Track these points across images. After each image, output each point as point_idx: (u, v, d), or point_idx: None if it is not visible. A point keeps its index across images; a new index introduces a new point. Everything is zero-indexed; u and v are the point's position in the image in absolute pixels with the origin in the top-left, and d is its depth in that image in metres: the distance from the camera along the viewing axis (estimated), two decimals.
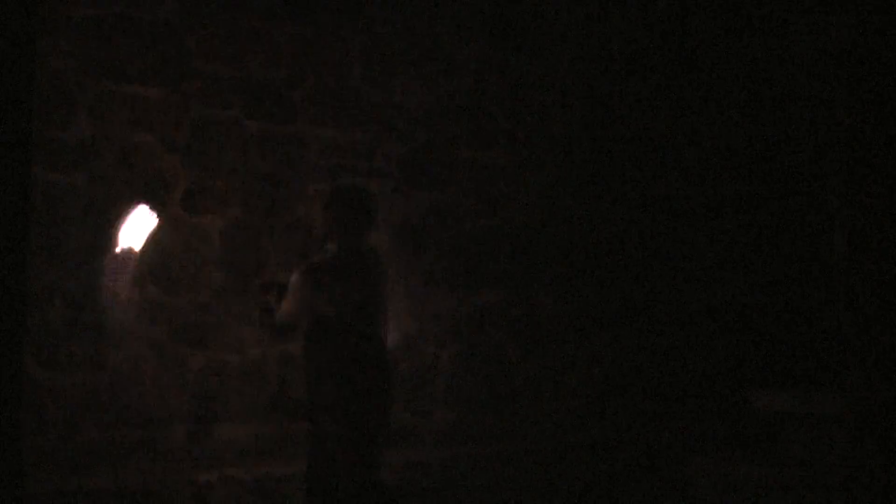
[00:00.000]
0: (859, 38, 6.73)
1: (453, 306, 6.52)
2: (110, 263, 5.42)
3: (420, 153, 6.45)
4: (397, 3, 6.38)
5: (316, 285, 4.48)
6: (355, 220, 4.57)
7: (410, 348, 6.32)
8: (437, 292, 6.46)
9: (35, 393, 5.15)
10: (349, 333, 4.49)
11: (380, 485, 4.57)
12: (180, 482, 5.20)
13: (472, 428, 6.51)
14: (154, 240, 5.54)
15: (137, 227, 5.48)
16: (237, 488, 5.29)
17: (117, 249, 5.43)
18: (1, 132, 2.89)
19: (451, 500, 5.97)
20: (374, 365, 4.53)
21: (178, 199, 5.65)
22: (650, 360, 7.18)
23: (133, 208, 5.48)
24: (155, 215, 5.54)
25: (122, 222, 5.45)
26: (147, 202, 5.53)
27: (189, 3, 5.66)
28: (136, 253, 5.48)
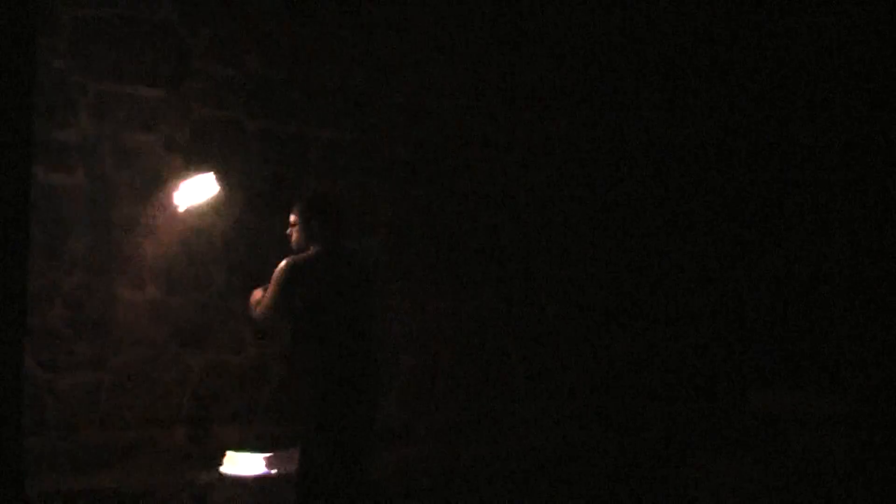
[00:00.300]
0: (859, 38, 6.73)
1: (453, 306, 6.51)
2: (111, 263, 5.42)
3: (420, 153, 6.45)
4: (397, 2, 6.38)
5: (298, 280, 4.52)
6: (330, 227, 4.69)
7: (410, 348, 6.32)
8: (437, 292, 6.46)
9: (35, 393, 5.15)
10: (333, 334, 4.52)
11: (371, 485, 4.58)
12: (180, 482, 5.20)
13: (472, 428, 6.50)
14: (154, 240, 5.53)
15: (194, 193, 5.49)
16: (237, 488, 5.28)
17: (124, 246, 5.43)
18: (1, 132, 2.89)
19: (451, 500, 5.96)
20: (360, 368, 4.56)
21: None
22: (650, 361, 7.18)
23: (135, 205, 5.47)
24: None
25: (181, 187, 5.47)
26: (147, 202, 5.52)
27: (189, 3, 5.66)
28: (137, 253, 5.48)
